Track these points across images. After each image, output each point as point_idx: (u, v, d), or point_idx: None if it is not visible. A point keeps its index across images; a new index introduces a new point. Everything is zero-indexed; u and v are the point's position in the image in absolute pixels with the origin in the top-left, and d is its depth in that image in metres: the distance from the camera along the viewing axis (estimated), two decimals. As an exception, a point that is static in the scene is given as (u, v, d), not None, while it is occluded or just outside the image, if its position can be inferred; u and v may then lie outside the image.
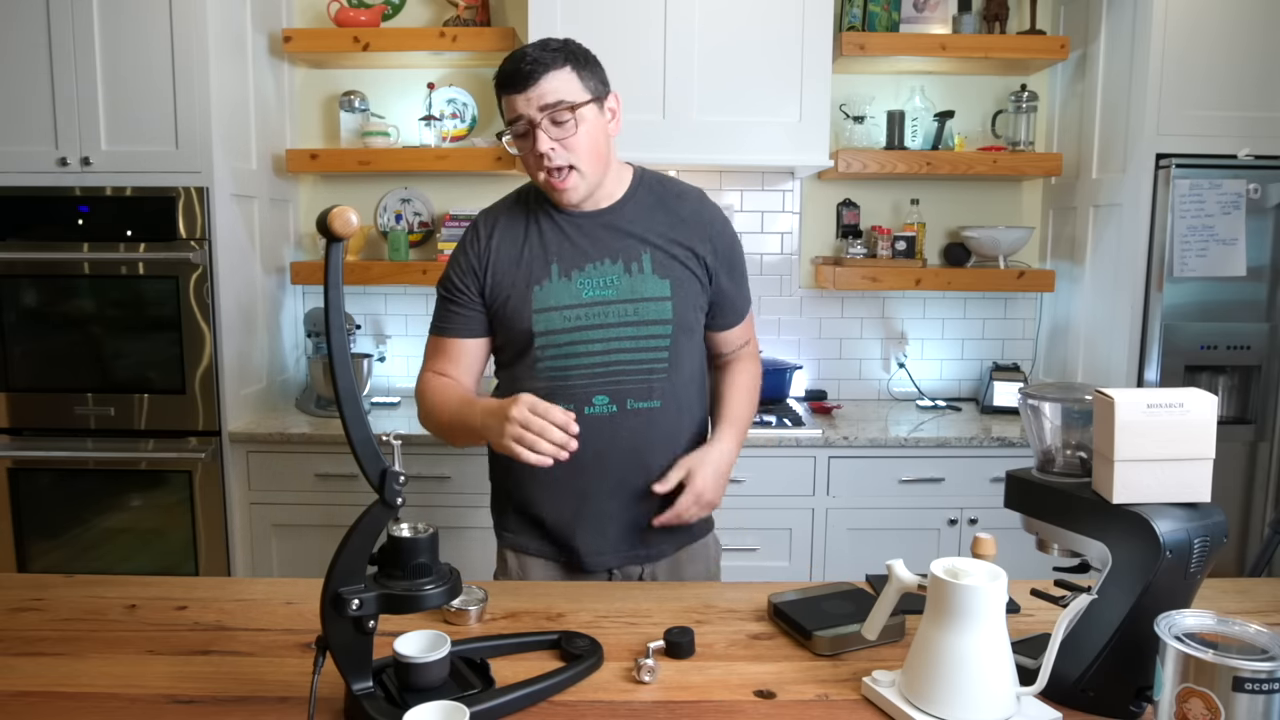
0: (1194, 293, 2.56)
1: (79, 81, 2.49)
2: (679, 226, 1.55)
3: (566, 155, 1.44)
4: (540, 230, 1.54)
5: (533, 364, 1.52)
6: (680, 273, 1.53)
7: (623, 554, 1.57)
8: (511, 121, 1.46)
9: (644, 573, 1.60)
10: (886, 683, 1.06)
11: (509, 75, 1.43)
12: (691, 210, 1.57)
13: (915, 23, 2.95)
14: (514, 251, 1.54)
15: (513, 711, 1.04)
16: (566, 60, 1.44)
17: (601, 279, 1.51)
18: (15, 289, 2.57)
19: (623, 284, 1.50)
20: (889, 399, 3.19)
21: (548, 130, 1.42)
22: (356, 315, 3.15)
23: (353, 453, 1.00)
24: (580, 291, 1.50)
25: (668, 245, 1.53)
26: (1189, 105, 2.54)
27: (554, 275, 1.51)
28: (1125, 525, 1.01)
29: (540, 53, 1.42)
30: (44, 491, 2.64)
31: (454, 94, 3.05)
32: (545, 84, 1.41)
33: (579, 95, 1.44)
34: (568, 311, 1.50)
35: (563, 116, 1.42)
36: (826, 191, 3.13)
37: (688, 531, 1.62)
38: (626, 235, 1.53)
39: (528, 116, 1.42)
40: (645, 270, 1.51)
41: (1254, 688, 0.84)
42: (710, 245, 1.56)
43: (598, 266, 1.51)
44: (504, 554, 1.66)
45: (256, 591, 1.41)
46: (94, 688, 1.10)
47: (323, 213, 0.95)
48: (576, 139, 1.44)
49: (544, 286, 1.51)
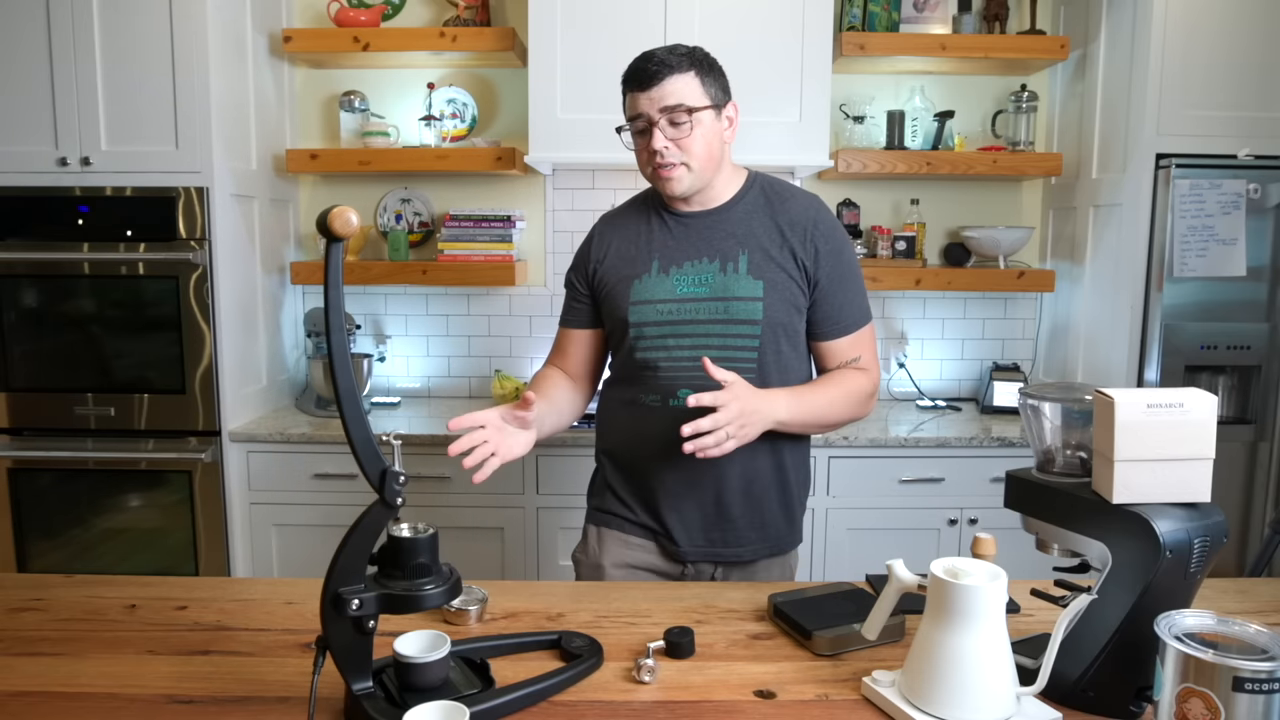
0: (1194, 293, 2.56)
1: (79, 81, 2.49)
2: (783, 228, 1.56)
3: (679, 155, 1.50)
4: (651, 228, 1.62)
5: (629, 354, 1.59)
6: (776, 274, 1.54)
7: (701, 549, 1.59)
8: (632, 118, 1.52)
9: (716, 573, 1.62)
10: (886, 683, 1.06)
11: (635, 74, 1.50)
12: (799, 211, 1.58)
13: (915, 23, 2.95)
14: (625, 247, 1.62)
15: (513, 711, 1.04)
16: (691, 65, 1.49)
17: (697, 276, 1.55)
18: (15, 289, 2.57)
19: (716, 282, 1.54)
20: (889, 399, 3.19)
21: (664, 130, 1.49)
22: (356, 315, 3.15)
23: (353, 453, 1.00)
24: (675, 287, 1.55)
25: (768, 246, 1.55)
26: (1189, 105, 2.54)
27: (654, 270, 1.57)
28: (1125, 525, 1.01)
29: (668, 55, 1.49)
30: (44, 491, 2.64)
31: (454, 94, 3.05)
32: (668, 86, 1.47)
33: (699, 100, 1.49)
34: (661, 305, 1.55)
35: (680, 118, 1.48)
36: (826, 191, 3.13)
37: (772, 541, 1.62)
38: (728, 236, 1.57)
39: (647, 115, 1.49)
40: (740, 270, 1.54)
41: (1254, 688, 0.84)
42: (813, 248, 1.55)
43: (695, 264, 1.56)
44: (588, 531, 1.70)
45: (256, 591, 1.41)
46: (94, 688, 1.10)
47: (323, 213, 0.95)
48: (691, 140, 1.49)
49: (643, 280, 1.57)
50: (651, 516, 1.61)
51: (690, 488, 1.57)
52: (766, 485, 1.59)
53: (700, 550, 1.59)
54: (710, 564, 1.61)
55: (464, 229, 2.92)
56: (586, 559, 1.67)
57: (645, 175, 1.57)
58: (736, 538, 1.59)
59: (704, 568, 1.62)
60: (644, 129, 1.51)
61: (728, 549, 1.60)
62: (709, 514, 1.58)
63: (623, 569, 1.62)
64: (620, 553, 1.63)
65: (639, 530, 1.63)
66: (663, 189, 1.54)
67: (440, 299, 3.16)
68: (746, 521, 1.59)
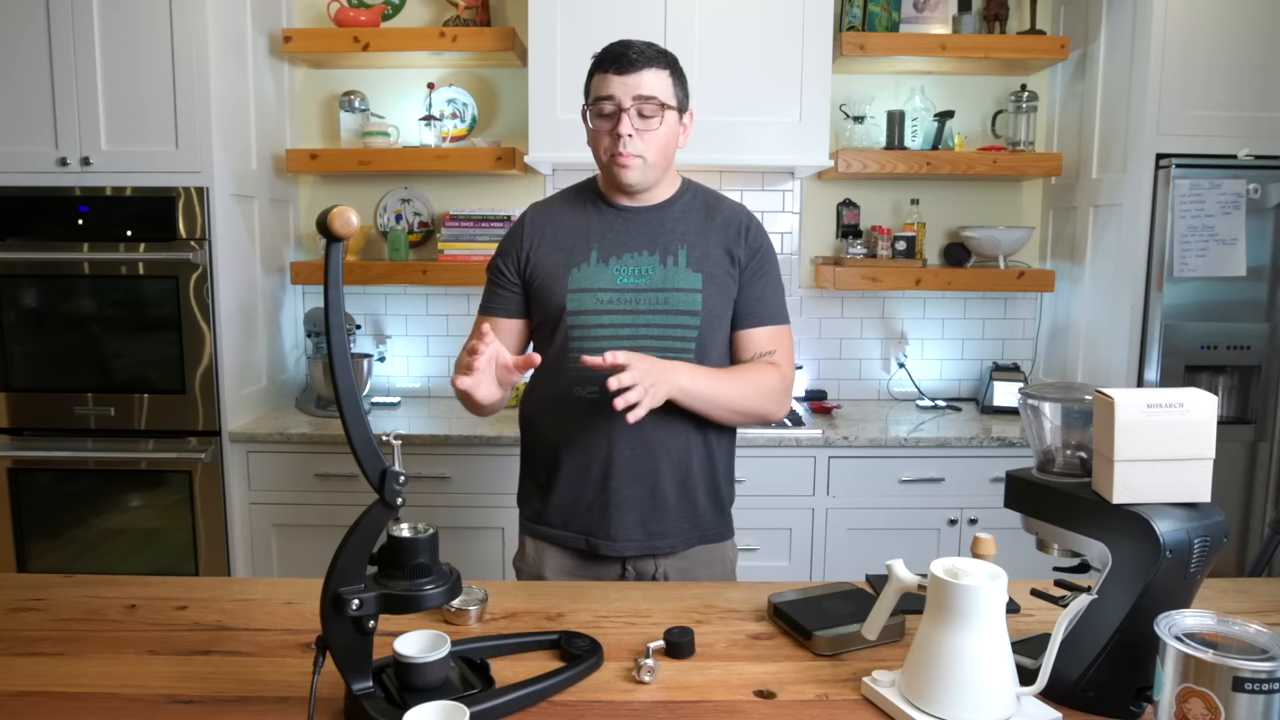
0: (1194, 293, 2.56)
1: (79, 81, 2.49)
2: (717, 227, 1.62)
3: (641, 146, 1.52)
4: (589, 219, 1.62)
5: (564, 343, 1.57)
6: (714, 269, 1.58)
7: (637, 542, 1.59)
8: (599, 99, 1.53)
9: (657, 570, 1.61)
10: (886, 683, 1.06)
11: (614, 56, 1.52)
12: (731, 215, 1.64)
13: (915, 23, 2.95)
14: (559, 235, 1.62)
15: (513, 711, 1.04)
16: (668, 65, 1.55)
17: (637, 268, 1.57)
18: (15, 289, 2.57)
19: (656, 274, 1.57)
20: (889, 399, 3.19)
21: (633, 119, 1.51)
22: (356, 315, 3.15)
23: (353, 453, 1.00)
24: (615, 277, 1.57)
25: (704, 243, 1.59)
26: (1189, 105, 2.54)
27: (593, 259, 1.58)
28: (1125, 525, 1.01)
29: (647, 48, 1.53)
30: (44, 491, 2.64)
31: (454, 94, 3.05)
32: (645, 76, 1.51)
33: (669, 98, 1.54)
34: (600, 294, 1.56)
35: (651, 110, 1.51)
36: (826, 191, 3.13)
37: (703, 530, 1.64)
38: (667, 231, 1.60)
39: (619, 100, 1.50)
40: (680, 263, 1.57)
41: (1254, 688, 0.84)
42: (744, 246, 1.61)
43: (635, 256, 1.58)
44: (524, 541, 1.69)
45: (256, 591, 1.41)
46: (94, 688, 1.10)
47: (323, 213, 0.95)
48: (655, 134, 1.53)
49: (581, 269, 1.58)
50: (586, 515, 1.60)
51: (627, 477, 1.57)
52: (698, 475, 1.61)
53: (637, 544, 1.59)
54: (650, 559, 1.61)
55: (464, 229, 2.92)
56: (526, 568, 1.67)
57: (599, 160, 1.58)
58: (671, 528, 1.60)
59: (644, 565, 1.61)
60: (612, 113, 1.52)
61: (663, 540, 1.60)
62: (644, 505, 1.58)
63: (565, 576, 1.63)
64: (559, 562, 1.64)
65: (574, 538, 1.62)
66: (617, 176, 1.55)
67: (440, 299, 3.16)
68: (680, 512, 1.60)
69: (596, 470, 1.58)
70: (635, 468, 1.57)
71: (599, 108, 1.53)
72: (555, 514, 1.63)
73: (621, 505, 1.58)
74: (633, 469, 1.57)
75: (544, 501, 1.64)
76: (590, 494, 1.59)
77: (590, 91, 1.57)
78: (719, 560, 1.67)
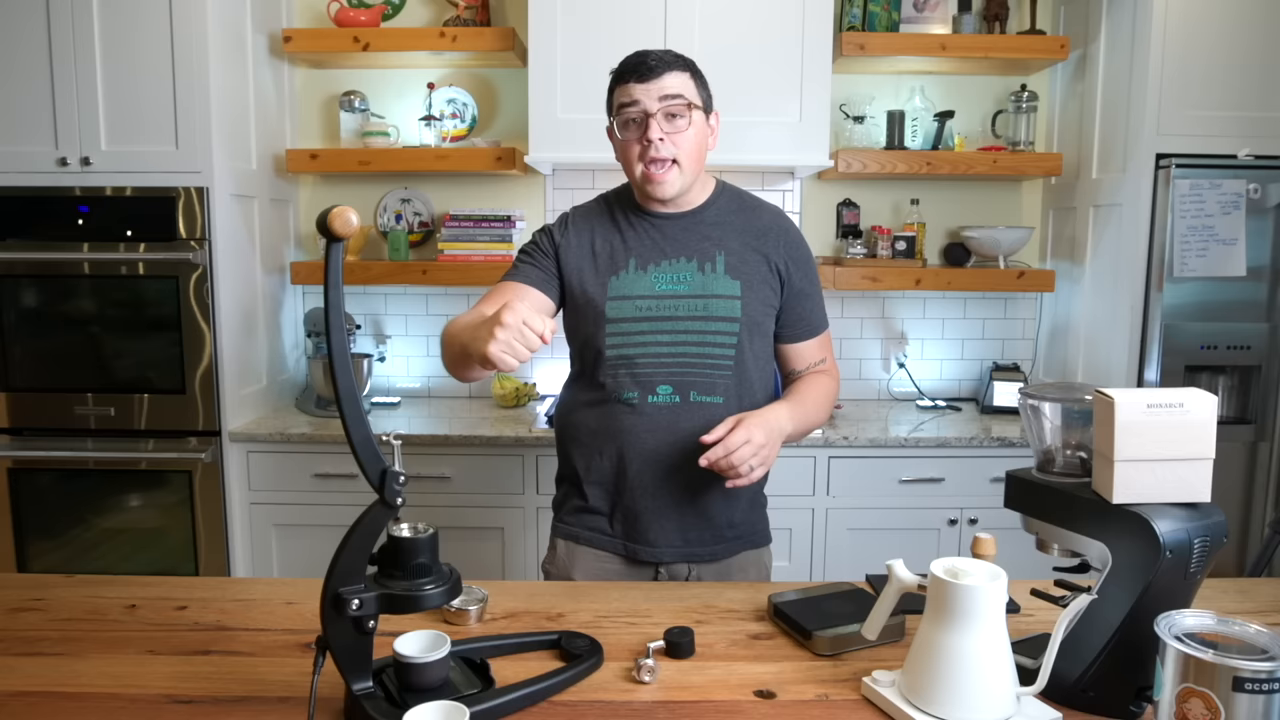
0: (1194, 293, 2.56)
1: (79, 81, 2.49)
2: (756, 233, 1.61)
3: (673, 149, 1.51)
4: (621, 229, 1.61)
5: (603, 349, 1.56)
6: (753, 275, 1.58)
7: (676, 549, 1.58)
8: (623, 107, 1.52)
9: (690, 573, 1.60)
10: (886, 683, 1.06)
11: (634, 65, 1.51)
12: (769, 220, 1.64)
13: (915, 23, 2.95)
14: (599, 243, 1.61)
15: (513, 711, 1.04)
16: (687, 67, 1.54)
17: (675, 274, 1.56)
18: (15, 289, 2.57)
19: (695, 280, 1.56)
20: (889, 399, 3.19)
21: (661, 122, 1.50)
22: (356, 315, 3.15)
23: (353, 453, 0.99)
24: (654, 284, 1.56)
25: (743, 249, 1.59)
26: (1189, 105, 2.54)
27: (631, 267, 1.57)
28: (1125, 525, 1.01)
29: (665, 53, 1.52)
30: (44, 491, 2.64)
31: (454, 94, 3.05)
32: (668, 79, 1.50)
33: (695, 98, 1.53)
34: (640, 301, 1.55)
35: (678, 110, 1.50)
36: (826, 191, 3.13)
37: (744, 536, 1.63)
38: (704, 237, 1.59)
39: (644, 106, 1.49)
40: (718, 270, 1.57)
41: (1254, 688, 0.84)
42: (785, 254, 1.61)
43: (673, 263, 1.57)
44: (555, 544, 1.67)
45: (256, 591, 1.41)
46: (94, 688, 1.10)
47: (323, 213, 0.95)
48: (685, 135, 1.52)
49: (620, 276, 1.57)
50: (625, 522, 1.59)
51: (667, 484, 1.56)
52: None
53: (677, 551, 1.58)
54: (684, 564, 1.60)
55: (464, 229, 2.92)
56: (556, 570, 1.66)
57: (631, 176, 1.56)
58: (713, 535, 1.59)
59: (678, 569, 1.60)
60: (638, 119, 1.50)
61: (704, 548, 1.59)
62: (686, 513, 1.57)
63: (596, 579, 1.61)
64: (591, 565, 1.62)
65: (611, 542, 1.61)
66: (653, 192, 1.53)
67: (440, 299, 3.16)
68: (724, 519, 1.60)
69: (635, 476, 1.56)
70: (677, 475, 1.55)
71: (624, 115, 1.51)
72: (594, 518, 1.62)
73: (662, 511, 1.57)
74: (674, 476, 1.55)
75: (583, 505, 1.63)
76: (629, 500, 1.58)
77: (613, 104, 1.55)
78: (754, 565, 1.66)
